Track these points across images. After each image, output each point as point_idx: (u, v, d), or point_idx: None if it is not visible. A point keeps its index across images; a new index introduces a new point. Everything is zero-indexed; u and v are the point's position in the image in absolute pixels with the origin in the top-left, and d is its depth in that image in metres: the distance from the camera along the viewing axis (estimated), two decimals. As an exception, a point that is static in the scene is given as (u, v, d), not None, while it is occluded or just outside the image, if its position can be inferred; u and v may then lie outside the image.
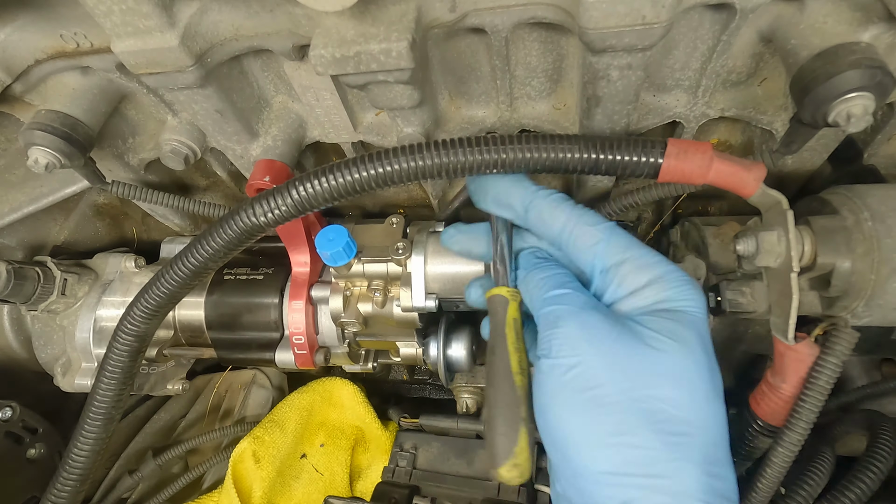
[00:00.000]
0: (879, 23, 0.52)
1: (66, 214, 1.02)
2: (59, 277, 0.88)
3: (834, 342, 0.55)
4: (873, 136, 0.69)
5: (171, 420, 1.16)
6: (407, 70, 0.57)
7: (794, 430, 0.56)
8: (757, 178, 0.53)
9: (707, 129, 0.77)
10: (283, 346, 0.87)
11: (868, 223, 0.56)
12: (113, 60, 0.67)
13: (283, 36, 0.62)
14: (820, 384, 0.54)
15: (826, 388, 0.55)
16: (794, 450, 0.57)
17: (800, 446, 0.57)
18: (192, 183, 1.01)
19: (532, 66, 0.68)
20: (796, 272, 0.53)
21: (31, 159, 0.69)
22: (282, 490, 0.93)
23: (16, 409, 0.90)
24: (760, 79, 0.66)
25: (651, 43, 0.53)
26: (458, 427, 0.93)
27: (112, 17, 0.57)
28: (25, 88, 0.72)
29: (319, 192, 0.53)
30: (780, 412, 0.60)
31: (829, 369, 0.54)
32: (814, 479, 0.65)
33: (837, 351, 0.54)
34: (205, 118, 0.73)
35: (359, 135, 0.79)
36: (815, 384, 0.55)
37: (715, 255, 0.73)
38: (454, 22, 0.58)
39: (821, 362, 0.55)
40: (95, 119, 0.73)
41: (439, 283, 0.79)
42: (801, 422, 0.56)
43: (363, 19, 0.56)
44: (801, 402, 0.55)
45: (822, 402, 0.55)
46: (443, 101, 0.75)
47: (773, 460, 0.57)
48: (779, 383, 0.59)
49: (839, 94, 0.48)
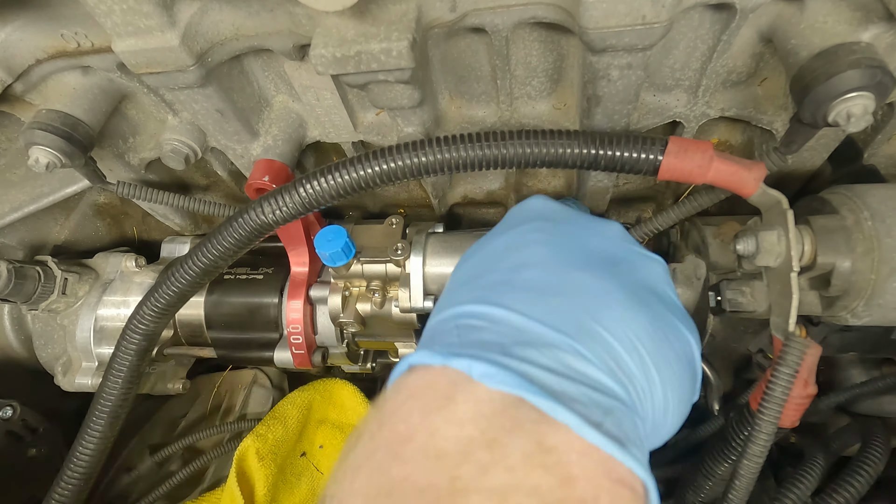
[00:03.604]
0: (879, 22, 0.52)
1: (67, 214, 1.02)
2: (59, 277, 0.88)
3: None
4: (873, 135, 0.69)
5: (171, 419, 1.16)
6: (407, 70, 0.57)
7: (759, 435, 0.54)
8: (757, 178, 0.53)
9: (707, 129, 0.77)
10: (281, 345, 0.87)
11: (868, 223, 0.56)
12: (114, 60, 0.67)
13: (283, 35, 0.62)
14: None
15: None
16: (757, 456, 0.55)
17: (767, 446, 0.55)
18: (193, 182, 1.01)
19: (532, 65, 0.68)
20: (796, 272, 0.53)
21: (32, 159, 0.69)
22: (284, 487, 0.93)
23: (16, 408, 0.90)
24: (760, 79, 0.66)
25: (651, 43, 0.53)
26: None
27: (113, 16, 0.57)
28: (26, 88, 0.72)
29: (326, 190, 0.54)
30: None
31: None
32: (803, 483, 0.65)
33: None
34: (205, 118, 0.73)
35: (359, 134, 0.79)
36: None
37: (715, 254, 0.73)
38: (454, 22, 0.58)
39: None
40: (96, 119, 0.73)
41: (438, 284, 0.79)
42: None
43: (363, 19, 0.56)
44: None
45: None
46: (443, 101, 0.75)
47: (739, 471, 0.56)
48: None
49: (839, 93, 0.48)
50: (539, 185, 0.92)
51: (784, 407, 0.51)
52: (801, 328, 0.54)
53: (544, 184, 0.91)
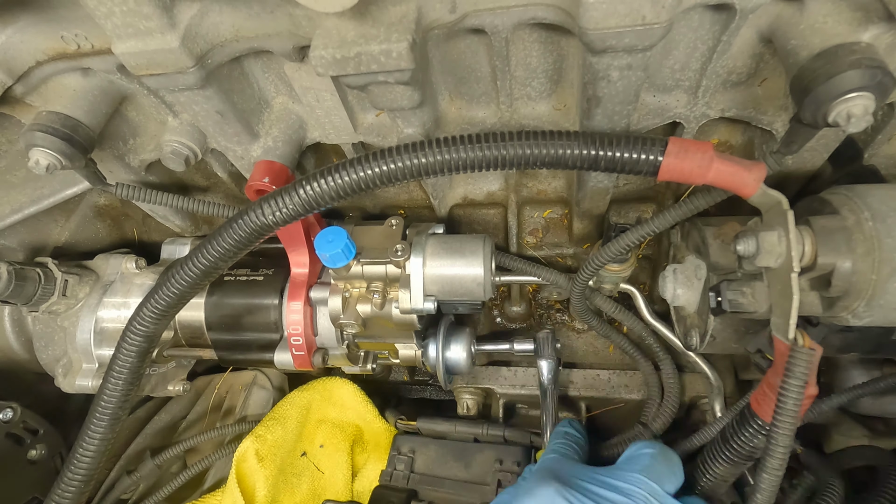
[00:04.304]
0: (879, 23, 0.52)
1: (67, 216, 1.02)
2: (59, 278, 0.88)
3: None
4: (873, 136, 0.69)
5: (171, 421, 1.16)
6: (407, 71, 0.57)
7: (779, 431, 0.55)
8: (757, 179, 0.53)
9: (707, 130, 0.77)
10: (281, 346, 0.87)
11: (869, 223, 0.55)
12: (114, 62, 0.67)
13: (283, 37, 0.62)
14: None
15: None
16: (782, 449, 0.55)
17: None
18: (193, 184, 1.01)
19: (532, 66, 0.68)
20: (797, 272, 0.53)
21: (32, 160, 0.69)
22: (285, 488, 0.93)
23: (17, 410, 0.90)
24: (760, 79, 0.66)
25: (651, 43, 0.53)
26: (456, 431, 0.93)
27: (113, 18, 0.57)
28: (26, 90, 0.72)
29: (326, 191, 0.54)
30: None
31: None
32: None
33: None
34: (205, 119, 0.73)
35: (359, 136, 0.79)
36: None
37: (715, 255, 0.73)
38: (454, 23, 0.58)
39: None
40: (96, 120, 0.73)
41: (438, 286, 0.79)
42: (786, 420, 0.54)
43: (363, 20, 0.56)
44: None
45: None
46: (443, 102, 0.75)
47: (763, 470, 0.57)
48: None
49: (839, 94, 0.48)
50: (539, 185, 0.91)
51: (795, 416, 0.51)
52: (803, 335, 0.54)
53: (545, 185, 0.91)
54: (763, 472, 0.54)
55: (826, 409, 0.75)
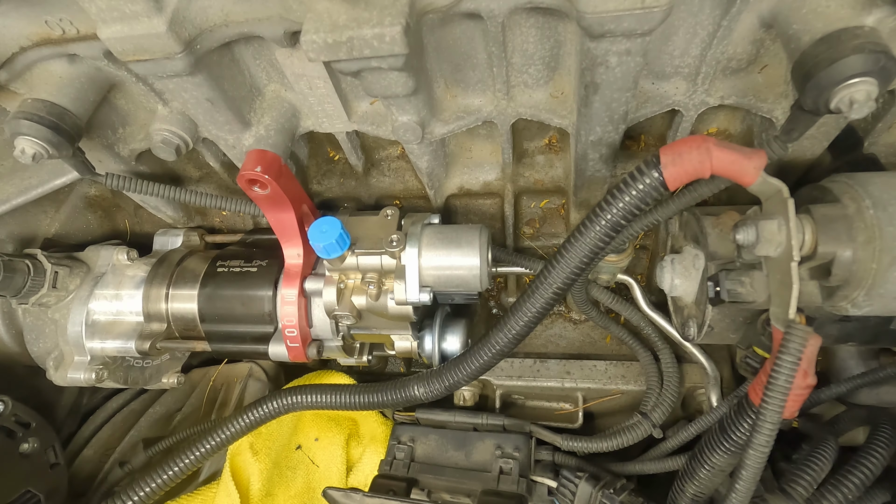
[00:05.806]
0: (883, 6, 0.51)
1: (57, 206, 1.01)
2: (49, 270, 0.87)
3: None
4: (874, 124, 0.69)
5: (166, 413, 1.15)
6: (401, 56, 0.56)
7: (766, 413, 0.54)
8: (757, 167, 0.52)
9: (706, 118, 0.76)
10: (276, 338, 0.86)
11: (870, 211, 0.55)
12: (100, 47, 0.65)
13: (274, 21, 0.61)
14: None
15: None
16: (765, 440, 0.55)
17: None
18: (185, 174, 1.00)
19: (529, 53, 0.67)
20: (797, 261, 0.53)
21: (18, 149, 0.67)
22: (280, 481, 0.93)
23: (8, 403, 0.89)
24: (761, 66, 0.65)
25: (650, 27, 0.52)
26: (455, 420, 0.93)
27: (97, 1, 0.55)
28: (10, 77, 0.70)
29: None
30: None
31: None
32: (817, 466, 0.65)
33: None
34: (195, 107, 0.72)
35: (353, 124, 0.77)
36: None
37: (714, 244, 0.72)
38: (449, 6, 0.57)
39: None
40: (84, 108, 0.72)
41: (434, 276, 0.78)
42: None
43: (356, 3, 0.54)
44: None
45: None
46: (438, 90, 0.74)
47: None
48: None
49: (842, 79, 0.47)
50: (536, 175, 0.90)
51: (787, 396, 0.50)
52: (800, 316, 0.53)
53: (542, 174, 0.90)
54: (750, 448, 0.53)
55: (824, 399, 0.75)
